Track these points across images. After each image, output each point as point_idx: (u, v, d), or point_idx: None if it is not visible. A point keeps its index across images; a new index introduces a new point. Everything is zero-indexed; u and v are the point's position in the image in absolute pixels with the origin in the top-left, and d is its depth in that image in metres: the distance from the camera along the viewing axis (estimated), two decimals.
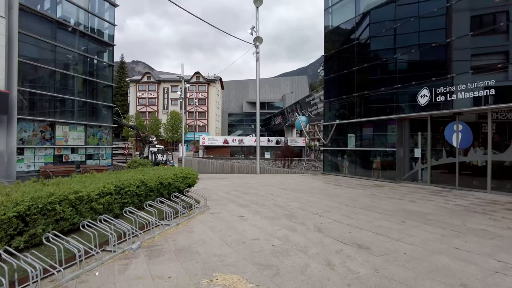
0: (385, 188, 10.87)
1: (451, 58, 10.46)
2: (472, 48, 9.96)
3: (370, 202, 8.24)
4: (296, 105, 53.33)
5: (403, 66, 12.03)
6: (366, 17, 13.76)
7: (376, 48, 13.37)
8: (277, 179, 14.25)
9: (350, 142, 14.32)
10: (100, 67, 17.41)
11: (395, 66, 12.21)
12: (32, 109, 13.98)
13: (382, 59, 12.89)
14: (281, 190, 10.55)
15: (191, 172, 8.38)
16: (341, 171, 14.93)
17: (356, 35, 14.21)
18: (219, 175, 21.71)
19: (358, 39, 14.09)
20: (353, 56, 14.26)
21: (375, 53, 13.32)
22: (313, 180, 13.51)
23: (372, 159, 13.29)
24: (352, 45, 14.35)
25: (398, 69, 12.14)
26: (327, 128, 15.96)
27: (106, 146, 17.29)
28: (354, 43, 14.22)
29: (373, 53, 13.44)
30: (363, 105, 13.81)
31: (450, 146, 10.67)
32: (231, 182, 12.87)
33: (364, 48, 13.83)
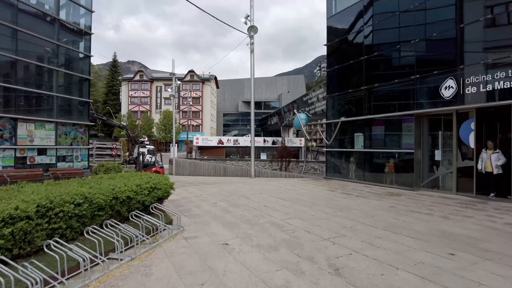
0: (403, 198, 9.08)
1: (487, 39, 8.68)
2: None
3: (392, 219, 6.43)
4: (293, 104, 51.60)
5: (422, 52, 10.25)
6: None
7: (388, 33, 11.57)
8: (274, 184, 12.41)
9: (358, 142, 12.53)
10: (75, 58, 15.45)
11: (413, 54, 10.42)
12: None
13: (396, 46, 11.10)
14: (278, 200, 8.70)
15: (162, 182, 6.50)
16: (346, 176, 13.13)
17: (364, 19, 12.41)
18: (210, 178, 19.84)
19: (366, 24, 12.30)
20: (360, 44, 12.48)
21: (388, 39, 11.53)
22: (316, 186, 11.69)
23: (384, 162, 11.49)
24: (360, 32, 12.56)
25: (416, 56, 10.35)
26: (330, 126, 14.16)
27: (81, 147, 15.34)
28: (362, 29, 12.43)
29: (385, 39, 11.65)
30: (372, 100, 12.03)
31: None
32: (220, 189, 11.00)
33: (374, 34, 12.05)
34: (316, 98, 40.51)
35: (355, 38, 12.88)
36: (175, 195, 9.74)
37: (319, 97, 39.25)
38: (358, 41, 12.70)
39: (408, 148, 10.55)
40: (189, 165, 30.47)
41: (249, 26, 17.37)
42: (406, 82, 10.56)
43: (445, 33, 9.47)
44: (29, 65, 13.33)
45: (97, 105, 77.01)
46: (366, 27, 12.26)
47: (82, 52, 15.53)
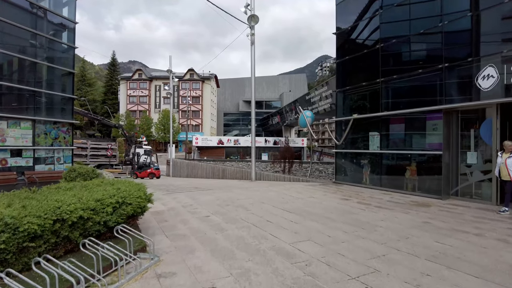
0: (434, 209, 7.55)
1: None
2: None
3: (435, 243, 4.91)
4: (295, 103, 50.15)
5: (453, 37, 8.72)
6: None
7: (409, 15, 10.03)
8: (277, 190, 10.90)
9: (373, 142, 10.99)
10: (57, 49, 13.96)
11: (441, 38, 8.88)
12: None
13: (420, 30, 9.56)
14: (284, 213, 7.19)
15: (133, 194, 4.98)
16: (359, 180, 11.60)
17: (380, 1, 10.86)
18: (207, 181, 18.34)
19: (382, 7, 10.76)
20: (376, 31, 10.96)
21: (409, 22, 9.99)
22: (326, 193, 10.17)
23: (404, 165, 9.95)
24: (375, 16, 11.03)
25: (444, 42, 8.82)
26: (340, 125, 12.64)
27: (64, 148, 13.86)
28: (377, 14, 10.90)
29: (405, 23, 10.11)
30: (390, 95, 10.51)
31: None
32: (215, 197, 9.49)
33: (391, 18, 10.52)
34: (319, 96, 38.98)
35: (369, 23, 11.34)
36: (162, 205, 8.26)
37: (322, 96, 37.73)
38: (373, 27, 11.16)
39: (435, 149, 9.01)
40: (186, 167, 29.01)
41: (249, 15, 15.86)
42: (432, 72, 9.03)
43: (485, 12, 7.94)
44: (3, 55, 11.87)
45: (96, 105, 75.75)
46: (384, 10, 10.71)
47: (65, 43, 14.04)
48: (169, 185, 14.80)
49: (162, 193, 10.77)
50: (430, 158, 9.16)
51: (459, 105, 8.39)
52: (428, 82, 9.21)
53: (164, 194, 10.41)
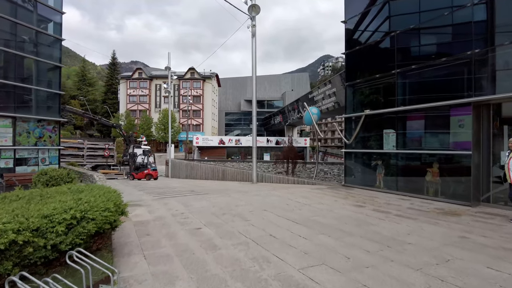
0: (466, 219, 6.41)
1: None
2: None
3: (490, 271, 3.76)
4: (297, 102, 49.06)
5: (485, 18, 7.57)
6: None
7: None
8: (281, 195, 9.78)
9: (388, 141, 9.85)
10: (43, 42, 12.92)
11: (470, 20, 7.74)
12: None
13: (444, 13, 8.41)
14: (289, 224, 6.08)
15: (98, 205, 3.87)
16: (372, 183, 10.46)
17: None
18: (205, 183, 17.27)
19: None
20: (391, 16, 9.82)
21: (430, 4, 8.83)
22: (336, 199, 9.04)
23: (425, 167, 8.81)
24: (389, 0, 9.89)
25: (474, 24, 7.67)
26: (349, 122, 11.52)
27: (50, 147, 12.82)
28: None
29: (425, 5, 8.95)
30: (408, 87, 9.38)
31: None
32: (211, 203, 8.39)
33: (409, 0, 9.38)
34: (322, 95, 37.85)
35: (383, 8, 10.20)
36: (148, 214, 7.18)
37: (326, 94, 36.61)
38: (387, 13, 10.02)
39: (462, 149, 7.87)
40: (185, 167, 27.97)
41: (250, 5, 14.77)
42: (458, 60, 7.89)
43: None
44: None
45: (96, 104, 74.94)
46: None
47: (50, 34, 13.00)
48: (164, 188, 13.74)
49: (153, 198, 9.69)
50: (456, 159, 8.03)
51: (491, 98, 7.25)
52: (453, 72, 8.08)
53: (154, 199, 9.33)
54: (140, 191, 12.30)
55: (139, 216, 6.97)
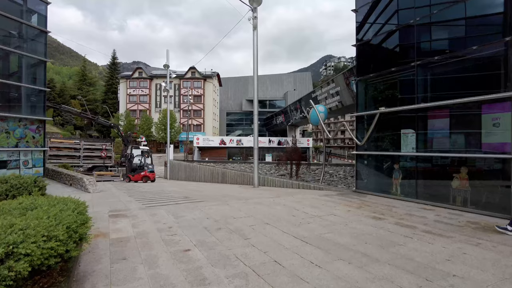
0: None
1: None
2: None
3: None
4: (300, 102, 47.99)
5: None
6: None
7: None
8: (286, 204, 8.69)
9: (406, 142, 8.73)
10: (26, 34, 11.89)
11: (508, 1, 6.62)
12: None
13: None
14: (299, 244, 4.98)
15: (40, 232, 2.76)
16: (388, 190, 9.34)
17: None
18: (203, 187, 16.21)
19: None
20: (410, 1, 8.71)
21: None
22: (349, 208, 7.93)
23: (451, 172, 7.69)
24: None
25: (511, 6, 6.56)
26: (361, 121, 10.42)
27: (33, 149, 11.79)
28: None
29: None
30: (430, 82, 8.26)
31: None
32: (205, 214, 7.30)
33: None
34: (325, 94, 36.76)
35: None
36: (131, 228, 6.11)
37: (329, 93, 35.57)
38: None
39: (498, 152, 6.75)
40: (184, 169, 26.95)
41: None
42: (492, 49, 6.78)
43: None
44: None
45: (97, 104, 74.14)
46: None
47: (34, 26, 11.97)
48: (157, 193, 12.68)
49: (141, 206, 8.62)
50: (491, 163, 6.91)
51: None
52: (485, 62, 6.97)
53: (142, 208, 8.26)
54: (131, 197, 11.25)
55: (119, 231, 5.90)
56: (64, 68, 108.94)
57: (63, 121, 71.98)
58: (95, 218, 7.12)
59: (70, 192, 13.19)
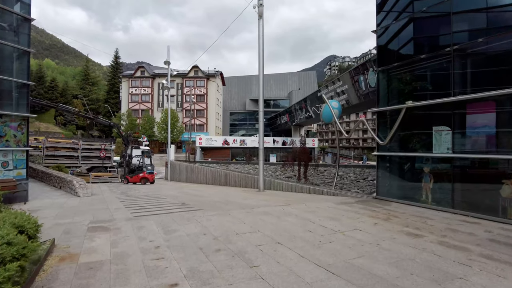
0: None
1: None
2: None
3: None
4: (306, 101, 46.73)
5: None
6: None
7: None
8: (299, 214, 7.42)
9: (440, 142, 7.43)
10: (5, 21, 10.75)
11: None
12: None
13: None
14: (322, 276, 3.71)
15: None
16: (416, 197, 8.02)
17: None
18: (203, 190, 14.97)
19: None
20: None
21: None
22: (375, 220, 6.64)
23: (499, 178, 6.38)
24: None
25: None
26: (383, 117, 9.12)
27: (14, 149, 10.63)
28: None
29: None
30: (470, 69, 6.96)
31: None
32: (202, 229, 6.04)
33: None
34: (332, 93, 35.61)
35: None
36: (108, 248, 4.89)
37: (337, 92, 34.41)
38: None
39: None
40: (186, 170, 25.75)
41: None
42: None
43: None
44: None
45: (99, 104, 73.38)
46: None
47: (15, 12, 10.81)
48: (152, 198, 11.47)
49: (129, 216, 7.41)
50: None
51: None
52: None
53: (130, 218, 7.04)
54: (122, 202, 10.06)
55: (93, 252, 4.68)
56: (68, 69, 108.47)
57: (65, 121, 71.33)
58: (71, 231, 5.92)
59: (58, 196, 12.06)
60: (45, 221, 6.92)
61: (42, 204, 9.76)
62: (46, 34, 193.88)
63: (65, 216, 7.48)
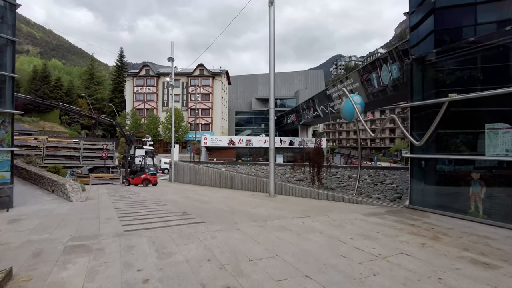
0: None
1: None
2: None
3: None
4: (313, 100, 45.40)
5: None
6: None
7: None
8: (323, 229, 6.16)
9: (495, 142, 6.10)
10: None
11: None
12: None
13: None
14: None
15: None
16: (461, 208, 6.69)
17: None
18: (210, 193, 13.79)
19: None
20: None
21: None
22: (421, 240, 5.35)
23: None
24: None
25: None
26: (418, 113, 7.81)
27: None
28: None
29: None
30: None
31: None
32: (205, 252, 4.81)
33: None
34: (343, 90, 34.30)
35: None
36: (83, 281, 3.69)
37: (348, 89, 33.25)
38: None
39: None
40: (190, 171, 24.63)
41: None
42: None
43: None
44: None
45: (104, 103, 72.75)
46: None
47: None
48: (151, 204, 10.30)
49: (120, 229, 6.22)
50: None
51: None
52: None
53: (119, 234, 5.85)
54: (116, 210, 8.90)
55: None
56: (74, 69, 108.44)
57: (70, 120, 70.85)
58: (42, 253, 4.73)
59: (49, 201, 10.95)
60: (18, 236, 5.77)
61: (26, 212, 8.65)
62: (53, 35, 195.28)
63: (44, 229, 6.32)
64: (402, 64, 20.62)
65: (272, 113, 11.20)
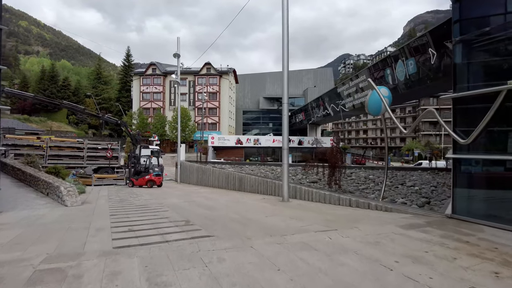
0: None
1: None
2: None
3: None
4: (323, 98, 44.12)
5: None
6: None
7: None
8: (360, 252, 5.03)
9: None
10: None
11: None
12: None
13: None
14: None
15: None
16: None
17: None
18: (217, 195, 12.75)
19: None
20: None
21: None
22: (486, 264, 4.17)
23: None
24: None
25: None
26: (463, 105, 6.62)
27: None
28: None
29: None
30: None
31: None
32: (207, 283, 3.75)
33: None
34: (354, 88, 33.19)
35: None
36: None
37: (359, 87, 32.05)
38: None
39: None
40: (196, 171, 23.65)
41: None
42: None
43: None
44: None
45: (111, 103, 72.50)
46: None
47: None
48: (152, 209, 9.27)
49: (108, 246, 5.17)
50: None
51: None
52: None
53: (106, 253, 4.80)
54: (111, 217, 7.88)
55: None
56: (83, 69, 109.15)
57: (77, 120, 70.79)
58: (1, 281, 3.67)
59: (41, 205, 10.01)
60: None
61: (11, 219, 7.69)
62: (63, 36, 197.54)
63: (19, 244, 5.31)
64: (419, 58, 19.39)
65: (286, 108, 10.10)
